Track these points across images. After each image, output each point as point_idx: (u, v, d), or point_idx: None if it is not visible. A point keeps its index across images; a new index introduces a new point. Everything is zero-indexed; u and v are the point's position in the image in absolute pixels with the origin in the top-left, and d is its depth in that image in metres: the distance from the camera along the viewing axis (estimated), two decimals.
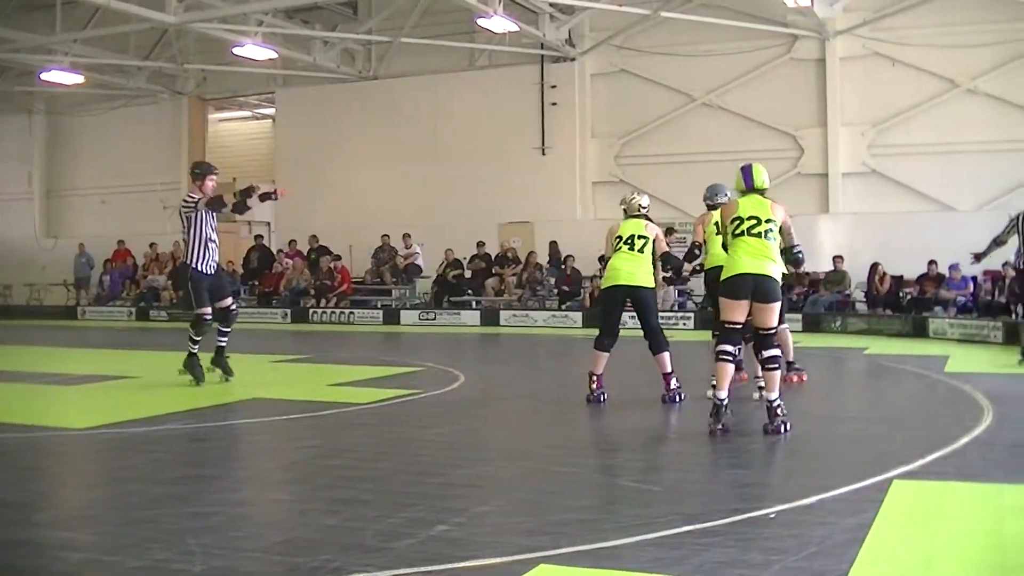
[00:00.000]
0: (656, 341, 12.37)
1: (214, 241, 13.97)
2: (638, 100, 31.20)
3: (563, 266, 29.34)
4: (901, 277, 25.50)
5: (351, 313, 30.18)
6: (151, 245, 35.66)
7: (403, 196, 33.09)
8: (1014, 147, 27.12)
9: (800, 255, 10.69)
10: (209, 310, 14.08)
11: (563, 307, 28.19)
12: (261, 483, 8.50)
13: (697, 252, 13.46)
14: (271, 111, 39.26)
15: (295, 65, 33.33)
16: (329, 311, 30.31)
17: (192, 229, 13.77)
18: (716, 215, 12.54)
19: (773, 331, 10.25)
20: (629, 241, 12.38)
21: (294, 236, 33.45)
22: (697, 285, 26.71)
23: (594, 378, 12.48)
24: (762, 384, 10.78)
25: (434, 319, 28.88)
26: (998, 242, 17.55)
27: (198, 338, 14.09)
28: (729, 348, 10.29)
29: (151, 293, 34.31)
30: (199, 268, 13.87)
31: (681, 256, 13.90)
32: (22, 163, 40.21)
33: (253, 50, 29.60)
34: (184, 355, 14.09)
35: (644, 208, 12.90)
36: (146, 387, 14.76)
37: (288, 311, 31.16)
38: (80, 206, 39.40)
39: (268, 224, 36.98)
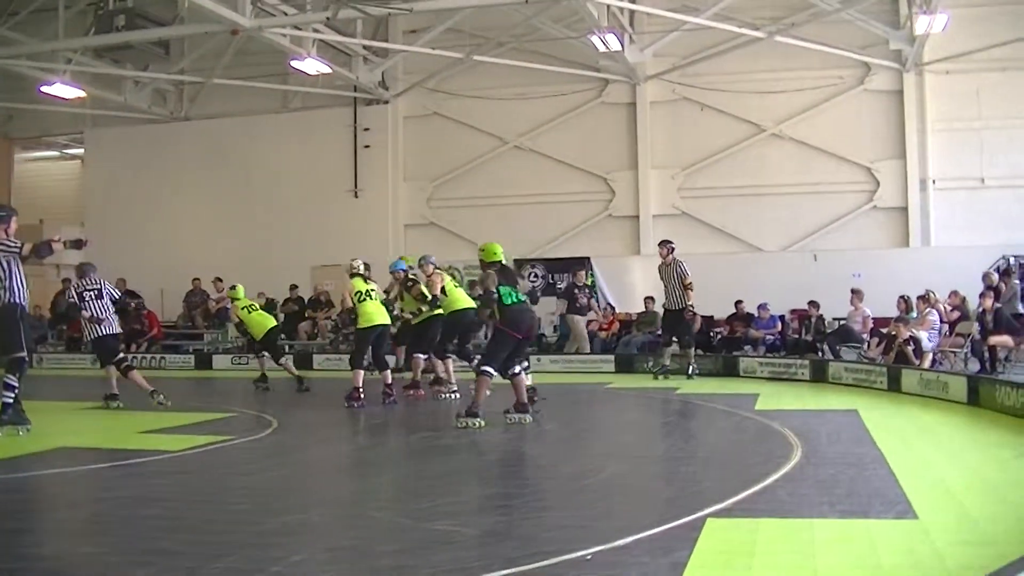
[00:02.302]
0: (384, 362, 18.38)
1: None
2: (451, 143, 31.40)
3: None
4: (711, 317, 25.91)
5: (162, 358, 29.56)
6: None
7: (216, 238, 32.67)
8: (817, 190, 28.17)
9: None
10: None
11: None
12: (69, 536, 8.14)
13: (439, 302, 18.11)
14: (80, 151, 38.48)
15: (105, 105, 32.67)
16: (140, 356, 29.72)
17: (13, 272, 13.46)
18: (447, 276, 18.85)
19: None
20: (369, 293, 17.59)
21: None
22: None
23: (361, 392, 17.22)
24: (455, 391, 18.00)
25: (246, 363, 28.46)
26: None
27: (18, 384, 13.63)
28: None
29: None
30: (25, 307, 13.77)
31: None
32: None
33: (61, 89, 28.90)
34: None
35: (359, 269, 17.85)
36: None
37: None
38: None
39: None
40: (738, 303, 25.73)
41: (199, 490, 9.89)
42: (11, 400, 13.57)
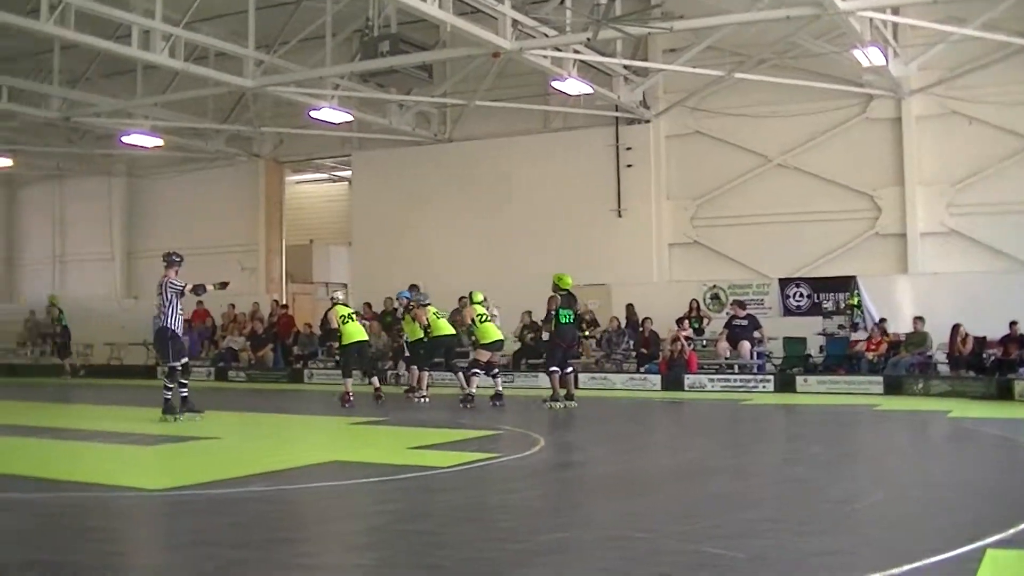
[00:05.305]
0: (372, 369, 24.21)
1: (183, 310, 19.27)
2: (713, 161, 31.06)
3: (640, 328, 29.05)
4: (984, 338, 24.92)
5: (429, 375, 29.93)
6: (231, 306, 35.58)
7: (477, 257, 32.91)
8: None
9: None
10: (180, 363, 18.72)
11: (641, 370, 27.91)
12: (342, 547, 8.37)
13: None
14: (347, 173, 39.62)
15: (370, 128, 33.50)
16: (401, 374, 30.16)
17: (173, 305, 18.59)
18: (431, 307, 23.42)
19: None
20: (352, 316, 22.95)
21: (370, 297, 33.26)
22: (776, 348, 26.92)
23: (350, 395, 22.20)
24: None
25: (512, 381, 28.46)
26: None
27: (172, 384, 18.55)
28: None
29: (229, 353, 34.36)
30: (176, 329, 18.68)
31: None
32: (103, 225, 40.97)
33: (329, 113, 29.82)
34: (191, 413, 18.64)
35: (339, 298, 23.41)
36: (225, 448, 14.83)
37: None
38: (159, 267, 39.40)
39: (345, 285, 36.97)
40: (1012, 324, 24.64)
41: (466, 507, 10.03)
42: (185, 395, 18.78)
